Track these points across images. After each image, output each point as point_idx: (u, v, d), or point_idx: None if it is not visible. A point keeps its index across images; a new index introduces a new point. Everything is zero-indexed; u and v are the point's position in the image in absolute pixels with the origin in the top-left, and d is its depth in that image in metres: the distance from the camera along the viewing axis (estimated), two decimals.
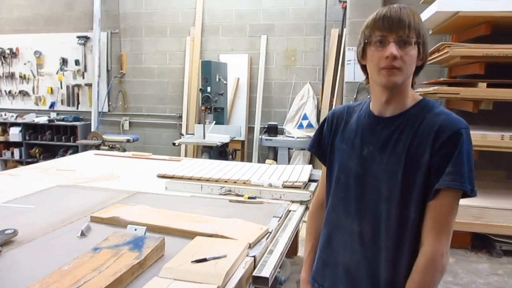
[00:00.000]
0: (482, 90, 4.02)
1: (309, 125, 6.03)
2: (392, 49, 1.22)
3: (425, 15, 4.50)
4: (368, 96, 5.45)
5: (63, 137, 6.97)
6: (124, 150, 5.81)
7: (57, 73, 7.18)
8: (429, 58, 4.52)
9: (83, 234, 1.92)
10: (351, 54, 5.55)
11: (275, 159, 6.00)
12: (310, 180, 3.17)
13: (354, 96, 5.52)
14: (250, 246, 1.81)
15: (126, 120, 7.10)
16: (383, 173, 1.30)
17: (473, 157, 1.26)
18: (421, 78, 5.59)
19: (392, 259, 1.30)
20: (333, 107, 5.89)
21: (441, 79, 4.88)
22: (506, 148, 3.95)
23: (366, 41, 1.29)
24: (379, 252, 1.32)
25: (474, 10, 3.97)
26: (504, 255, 4.05)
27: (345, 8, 5.79)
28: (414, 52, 1.25)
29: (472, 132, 1.28)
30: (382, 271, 1.31)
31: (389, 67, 1.23)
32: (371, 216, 1.33)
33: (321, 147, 1.52)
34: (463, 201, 1.28)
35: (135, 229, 1.81)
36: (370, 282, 1.34)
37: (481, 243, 4.22)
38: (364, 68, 1.36)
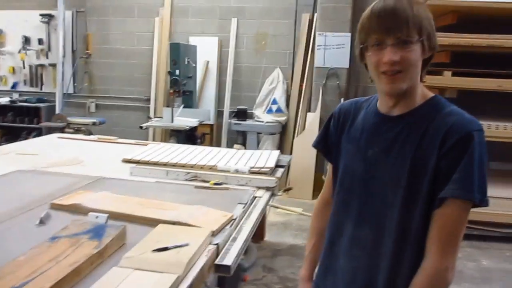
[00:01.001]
0: (447, 78, 4.10)
1: (279, 110, 6.02)
2: (390, 54, 1.12)
3: None
4: (338, 82, 5.49)
5: (26, 119, 6.73)
6: (90, 133, 5.68)
7: (19, 52, 6.89)
8: None
9: (41, 222, 1.87)
10: (321, 39, 5.54)
11: (244, 143, 5.99)
12: (278, 166, 3.18)
13: (324, 82, 5.54)
14: (214, 234, 1.80)
15: (92, 102, 6.91)
16: (387, 177, 1.21)
17: (486, 162, 1.14)
18: None
19: (392, 268, 1.21)
20: (303, 92, 5.92)
21: None
22: None
23: (362, 45, 1.19)
24: (379, 260, 1.23)
25: None
26: (464, 239, 4.16)
27: None
28: (417, 50, 1.14)
29: None
30: (380, 280, 1.23)
31: (390, 73, 1.14)
32: (373, 222, 1.24)
33: (327, 145, 1.42)
34: None
35: (97, 217, 1.78)
36: None
37: None
38: (366, 67, 1.25)
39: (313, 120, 5.56)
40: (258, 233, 3.93)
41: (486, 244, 4.17)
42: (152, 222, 1.85)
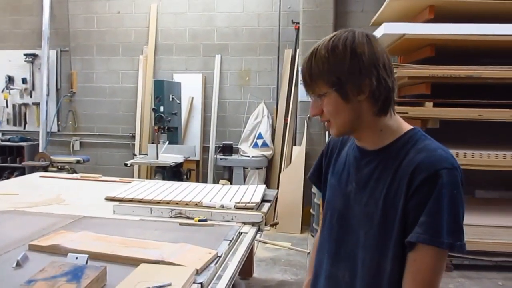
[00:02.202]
0: (429, 109, 4.16)
1: (264, 144, 6.03)
2: (312, 109, 1.17)
3: None
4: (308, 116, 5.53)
5: (8, 158, 6.63)
6: (74, 172, 5.60)
7: (2, 91, 6.85)
8: None
9: (18, 265, 1.79)
10: None
11: (230, 178, 5.96)
12: (264, 201, 3.15)
13: (308, 116, 5.58)
14: (198, 272, 1.75)
15: (76, 140, 6.86)
16: (361, 216, 1.17)
17: (460, 203, 1.06)
18: None
19: None
20: (288, 126, 5.95)
21: None
22: None
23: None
24: None
25: (418, 33, 4.13)
26: (455, 269, 4.15)
27: (297, 29, 5.89)
28: (334, 99, 1.11)
29: None
30: None
31: (323, 122, 1.19)
32: (347, 262, 1.20)
33: (320, 178, 1.39)
34: None
35: (76, 258, 1.72)
36: None
37: None
38: None
39: (299, 154, 5.57)
40: (246, 269, 3.85)
41: (478, 273, 4.13)
42: (134, 262, 1.79)
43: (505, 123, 4.27)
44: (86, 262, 1.70)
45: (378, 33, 4.44)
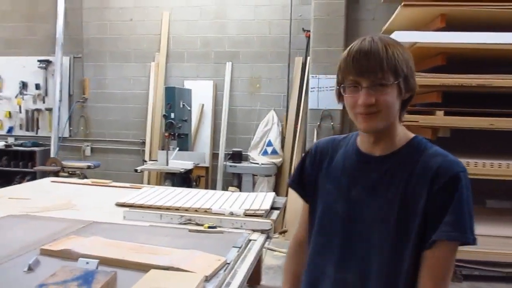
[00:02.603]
0: (439, 118, 4.14)
1: (274, 152, 6.04)
2: (364, 96, 1.12)
3: None
4: (332, 124, 5.53)
5: (20, 163, 6.71)
6: (85, 177, 5.64)
7: (16, 97, 6.96)
8: None
9: (30, 269, 1.82)
10: (314, 82, 5.63)
11: (240, 185, 5.96)
12: (273, 208, 3.15)
13: (318, 123, 5.58)
14: (207, 279, 1.75)
15: (87, 146, 6.92)
16: (373, 219, 1.19)
17: (472, 202, 1.15)
18: None
19: None
20: (298, 134, 5.95)
21: None
22: None
23: (338, 86, 1.21)
24: None
25: (430, 42, 4.12)
26: (464, 280, 4.11)
27: (308, 37, 5.91)
28: (392, 92, 1.14)
29: None
30: None
31: (365, 114, 1.14)
32: (357, 265, 1.21)
33: (302, 184, 1.39)
34: None
35: (87, 263, 1.74)
36: None
37: None
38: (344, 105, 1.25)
39: None
40: (254, 277, 3.84)
41: (487, 284, 4.08)
42: (144, 268, 1.81)
43: None
44: (97, 267, 1.72)
45: None
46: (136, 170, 5.30)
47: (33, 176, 6.33)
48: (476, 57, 4.42)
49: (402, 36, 4.20)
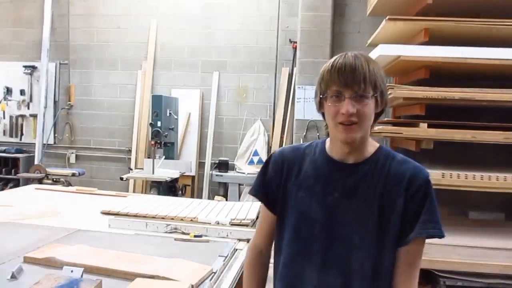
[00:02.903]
0: (423, 130, 4.20)
1: (260, 161, 6.06)
2: (348, 106, 1.20)
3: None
4: (318, 134, 5.58)
5: (3, 170, 6.62)
6: (69, 185, 5.59)
7: (0, 102, 6.89)
8: None
9: (13, 277, 1.80)
10: (301, 92, 5.69)
11: (226, 195, 5.97)
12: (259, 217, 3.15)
13: (304, 134, 5.63)
14: None
15: (72, 153, 6.86)
16: (353, 222, 1.26)
17: None
18: None
19: None
20: (284, 144, 5.98)
21: (385, 119, 5.08)
22: (446, 185, 4.11)
23: (321, 95, 1.27)
24: None
25: (413, 55, 4.20)
26: None
27: (295, 48, 5.98)
28: (371, 104, 1.23)
29: None
30: None
31: (346, 123, 1.22)
32: (339, 266, 1.27)
33: (267, 193, 1.41)
34: None
35: (72, 271, 1.73)
36: None
37: (426, 279, 4.31)
38: (323, 115, 1.33)
39: None
40: (240, 286, 3.83)
41: None
42: (129, 276, 1.80)
43: (498, 145, 4.33)
44: (82, 275, 1.71)
45: (375, 54, 4.52)
46: (121, 178, 5.27)
47: (17, 183, 6.26)
48: (459, 70, 4.52)
49: (386, 49, 4.28)
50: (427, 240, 1.28)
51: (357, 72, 1.20)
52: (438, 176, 4.12)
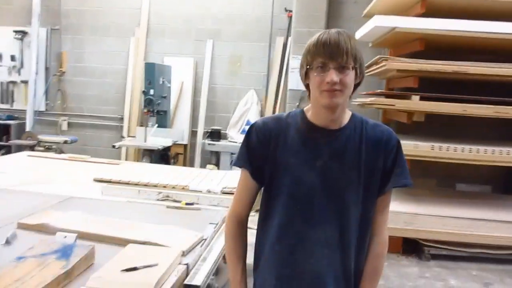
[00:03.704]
0: (415, 103, 4.23)
1: None
2: (333, 75, 1.32)
3: (365, 29, 4.69)
4: (297, 104, 5.59)
5: None
6: (62, 152, 5.60)
7: None
8: (369, 70, 4.66)
9: (8, 242, 1.83)
10: (295, 63, 5.66)
11: (218, 164, 6.01)
12: None
13: (297, 104, 5.64)
14: (184, 254, 1.80)
15: (64, 120, 6.83)
16: (343, 181, 1.41)
17: None
18: (360, 89, 5.79)
19: (358, 253, 1.45)
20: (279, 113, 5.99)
21: (378, 90, 5.09)
22: (436, 157, 4.18)
23: (308, 66, 1.38)
24: (348, 251, 1.43)
25: (409, 27, 4.18)
26: (432, 259, 4.28)
27: (290, 17, 5.91)
28: (352, 75, 1.36)
29: (405, 142, 1.44)
30: (352, 266, 1.44)
31: (330, 90, 1.34)
32: (337, 221, 1.41)
33: (252, 163, 1.47)
34: (396, 208, 1.45)
35: (65, 237, 1.76)
36: (343, 278, 1.44)
37: (412, 247, 4.42)
38: (307, 86, 1.44)
39: None
40: None
41: (454, 264, 4.26)
42: (122, 242, 1.84)
43: (488, 119, 4.37)
44: (75, 241, 1.74)
45: (369, 25, 4.49)
46: (114, 146, 5.28)
47: (8, 150, 6.25)
48: (454, 44, 4.51)
49: (381, 21, 4.25)
50: (414, 211, 1.47)
51: (341, 46, 1.33)
52: (428, 148, 4.17)
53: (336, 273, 1.43)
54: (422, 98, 4.22)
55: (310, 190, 1.41)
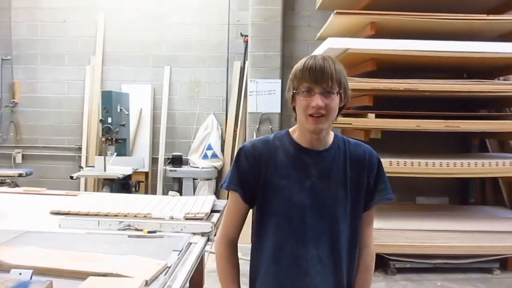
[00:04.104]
0: (371, 121, 4.36)
1: (214, 155, 6.06)
2: (318, 100, 1.39)
3: (319, 51, 4.81)
4: (270, 127, 5.65)
5: None
6: (16, 185, 5.38)
7: None
8: None
9: None
10: (253, 86, 5.73)
11: (180, 190, 5.94)
12: (213, 211, 3.17)
13: (257, 126, 5.68)
14: (147, 283, 1.75)
15: (18, 152, 6.59)
16: (331, 199, 1.48)
17: None
18: None
19: (349, 266, 1.53)
20: (237, 137, 6.01)
21: None
22: (394, 173, 4.29)
23: (294, 91, 1.45)
24: (340, 265, 1.50)
25: (361, 48, 4.33)
26: (398, 273, 4.35)
27: (246, 42, 6.00)
28: (336, 100, 1.43)
29: None
30: (345, 279, 1.52)
31: (315, 115, 1.41)
32: (328, 237, 1.48)
33: (242, 186, 1.53)
34: None
35: (20, 273, 1.68)
36: None
37: (377, 263, 4.47)
38: (293, 109, 1.51)
39: None
40: (197, 281, 3.83)
41: (419, 276, 4.35)
42: (81, 276, 1.77)
43: (442, 133, 4.55)
44: (31, 278, 1.67)
45: (323, 47, 4.62)
46: (72, 177, 5.13)
47: None
48: (404, 63, 4.70)
49: (335, 42, 4.39)
50: (377, 226, 1.54)
51: (325, 72, 1.39)
52: (386, 164, 4.26)
53: (333, 285, 1.50)
54: (378, 116, 4.35)
55: (301, 210, 1.47)
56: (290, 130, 1.56)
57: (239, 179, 1.53)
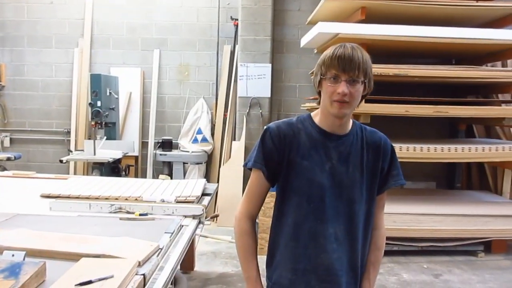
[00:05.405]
0: (361, 105, 4.37)
1: (204, 139, 6.06)
2: (344, 87, 1.45)
3: (310, 35, 4.81)
4: (260, 111, 5.66)
5: None
6: (5, 169, 5.35)
7: None
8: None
9: None
10: (243, 70, 5.72)
11: (170, 174, 5.94)
12: (204, 194, 3.20)
13: (247, 111, 5.69)
14: (140, 264, 1.78)
15: (6, 136, 6.52)
16: (349, 181, 1.56)
17: None
18: (308, 93, 5.88)
19: (363, 246, 1.61)
20: (227, 122, 6.02)
21: None
22: None
23: (322, 76, 1.51)
24: (355, 244, 1.58)
25: (351, 33, 4.33)
26: (385, 255, 4.38)
27: (236, 26, 5.96)
28: (360, 88, 1.49)
29: None
30: (358, 259, 1.60)
31: (340, 101, 1.47)
32: (345, 217, 1.56)
33: (267, 165, 1.58)
34: None
35: (13, 255, 1.69)
36: (351, 269, 1.58)
37: None
38: (319, 93, 1.57)
39: (238, 148, 5.66)
40: (187, 263, 3.89)
41: (405, 258, 4.43)
42: (74, 257, 1.79)
43: (430, 118, 4.60)
44: (24, 259, 1.68)
45: (314, 32, 4.62)
46: (61, 161, 5.10)
47: None
48: (395, 48, 4.72)
49: (325, 27, 4.39)
50: None
51: (353, 61, 1.45)
52: None
53: (345, 265, 1.57)
54: (367, 101, 4.37)
55: (322, 190, 1.55)
56: (312, 114, 1.63)
57: (264, 158, 1.58)
